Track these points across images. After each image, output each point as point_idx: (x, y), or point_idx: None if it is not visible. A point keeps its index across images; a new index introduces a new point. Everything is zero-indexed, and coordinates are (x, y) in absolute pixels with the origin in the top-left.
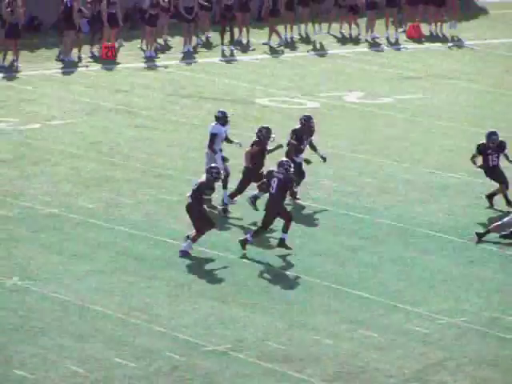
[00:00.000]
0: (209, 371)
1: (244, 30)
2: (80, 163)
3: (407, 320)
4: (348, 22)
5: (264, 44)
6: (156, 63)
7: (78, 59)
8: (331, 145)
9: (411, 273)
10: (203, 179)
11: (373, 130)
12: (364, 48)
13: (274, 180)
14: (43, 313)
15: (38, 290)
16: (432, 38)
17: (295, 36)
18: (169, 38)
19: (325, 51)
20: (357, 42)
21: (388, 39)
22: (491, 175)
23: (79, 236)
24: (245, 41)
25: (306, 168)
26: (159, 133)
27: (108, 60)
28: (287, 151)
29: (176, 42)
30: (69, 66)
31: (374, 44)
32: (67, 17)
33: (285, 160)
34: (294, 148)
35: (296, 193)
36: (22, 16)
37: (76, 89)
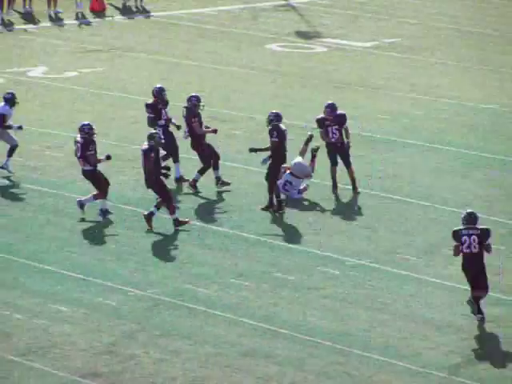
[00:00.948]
0: None
1: None
2: None
3: (97, 293)
4: None
5: None
6: None
7: None
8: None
9: (100, 245)
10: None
11: (59, 105)
12: (47, 23)
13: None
14: None
15: None
16: (115, 11)
17: None
18: None
19: (10, 27)
20: (40, 17)
21: (77, 14)
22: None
23: None
24: None
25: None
26: None
27: None
28: None
29: None
30: None
31: (57, 19)
32: None
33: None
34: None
35: None
36: None
37: None
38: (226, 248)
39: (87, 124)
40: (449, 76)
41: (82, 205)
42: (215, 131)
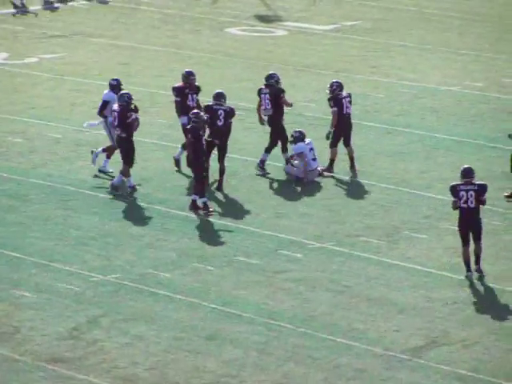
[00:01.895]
0: None
1: None
2: None
3: (60, 278)
4: None
5: None
6: None
7: None
8: None
9: (63, 231)
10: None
11: (19, 91)
12: (10, 9)
13: None
14: None
15: None
16: None
17: None
18: None
19: None
20: (2, 3)
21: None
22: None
23: None
24: None
25: None
26: None
27: None
28: None
29: None
30: None
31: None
32: None
33: None
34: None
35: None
36: None
37: None
38: (189, 232)
39: (126, 92)
40: (410, 58)
41: (116, 187)
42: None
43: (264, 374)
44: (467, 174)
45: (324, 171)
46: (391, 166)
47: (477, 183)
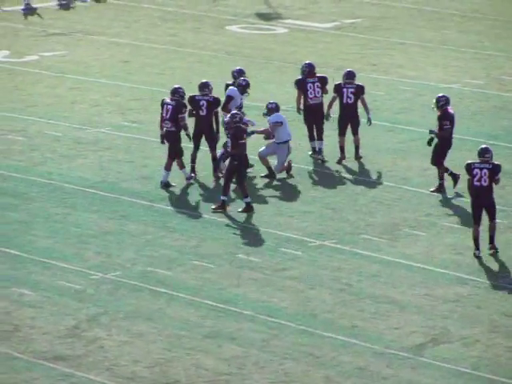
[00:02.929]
0: None
1: None
2: None
3: (60, 276)
4: None
5: None
6: None
7: None
8: None
9: (63, 229)
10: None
11: (20, 89)
12: (9, 7)
13: None
14: None
15: None
16: None
17: None
18: None
19: None
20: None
21: None
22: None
23: None
24: None
25: None
26: None
27: None
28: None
29: None
30: None
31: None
32: None
33: None
34: None
35: None
36: None
37: None
38: (189, 230)
39: (180, 87)
40: (410, 56)
41: (167, 183)
42: None
43: (264, 372)
44: (483, 153)
45: (341, 159)
46: (392, 164)
47: (491, 162)
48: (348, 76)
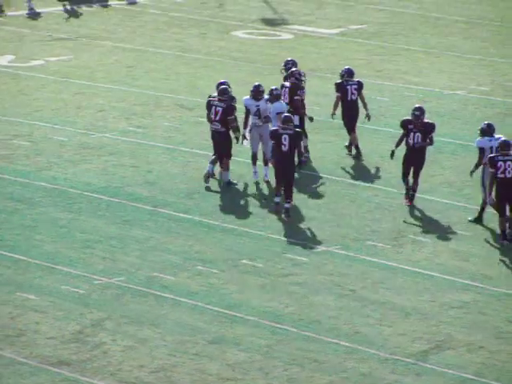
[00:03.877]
0: None
1: None
2: None
3: (65, 281)
4: None
5: None
6: None
7: None
8: None
9: (67, 234)
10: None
11: (25, 93)
12: (15, 12)
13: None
14: None
15: None
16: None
17: None
18: None
19: None
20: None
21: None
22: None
23: None
24: None
25: None
26: None
27: None
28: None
29: None
30: None
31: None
32: None
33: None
34: None
35: None
36: None
37: None
38: (193, 235)
39: (227, 86)
40: (415, 62)
41: (229, 182)
42: None
43: (268, 378)
44: (505, 146)
45: (357, 156)
46: (396, 170)
47: None
48: (349, 74)
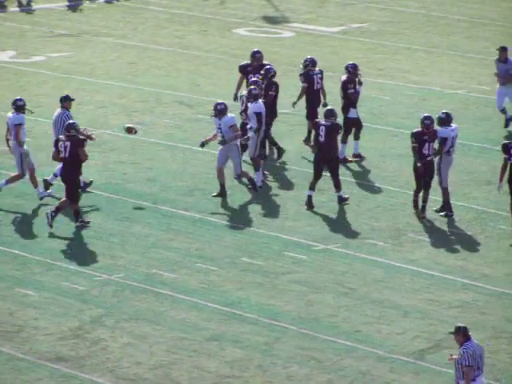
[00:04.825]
0: None
1: None
2: None
3: (64, 277)
4: None
5: None
6: None
7: None
8: None
9: (67, 230)
10: None
11: (26, 89)
12: (15, 8)
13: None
14: None
15: None
16: None
17: None
18: None
19: None
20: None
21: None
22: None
23: None
24: None
25: None
26: None
27: None
28: None
29: None
30: None
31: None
32: None
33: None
34: None
35: None
36: None
37: None
38: (193, 233)
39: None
40: (416, 61)
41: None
42: None
43: (267, 376)
44: None
45: (307, 142)
46: (397, 169)
47: None
48: (313, 63)
